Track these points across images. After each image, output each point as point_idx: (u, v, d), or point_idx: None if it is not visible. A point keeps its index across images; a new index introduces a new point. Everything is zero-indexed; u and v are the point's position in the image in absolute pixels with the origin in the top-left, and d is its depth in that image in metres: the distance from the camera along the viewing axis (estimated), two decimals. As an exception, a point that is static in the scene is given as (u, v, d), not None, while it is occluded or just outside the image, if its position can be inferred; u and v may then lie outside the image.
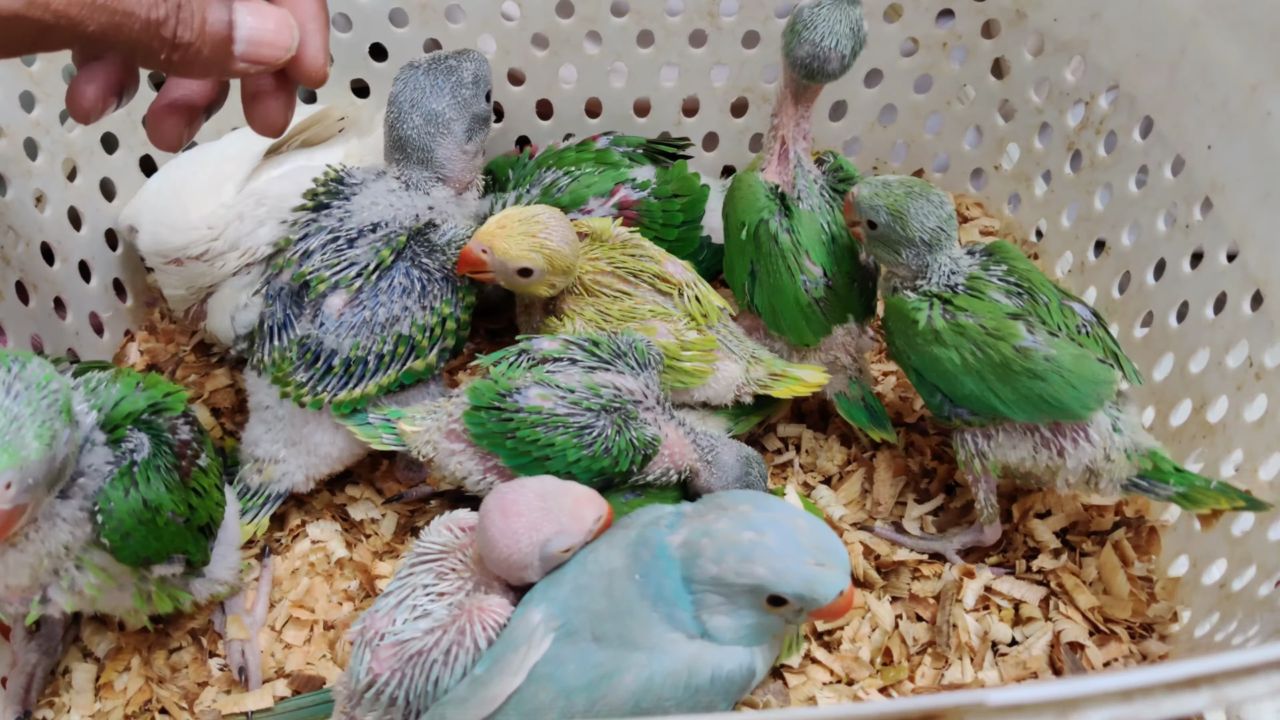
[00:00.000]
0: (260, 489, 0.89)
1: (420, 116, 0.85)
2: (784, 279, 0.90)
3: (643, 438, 0.81)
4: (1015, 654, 0.86)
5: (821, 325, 0.92)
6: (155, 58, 0.53)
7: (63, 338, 0.97)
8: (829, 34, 0.82)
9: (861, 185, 0.83)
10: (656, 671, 0.63)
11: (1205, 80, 0.88)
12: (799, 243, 0.89)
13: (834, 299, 0.91)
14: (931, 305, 0.81)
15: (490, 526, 0.67)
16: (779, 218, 0.89)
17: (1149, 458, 0.80)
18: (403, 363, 0.85)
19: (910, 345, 0.83)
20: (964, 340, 0.79)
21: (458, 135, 0.86)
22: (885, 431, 0.96)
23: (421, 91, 0.85)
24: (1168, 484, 0.80)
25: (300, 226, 0.86)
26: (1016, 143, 1.12)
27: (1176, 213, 0.92)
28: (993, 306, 0.80)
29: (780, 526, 0.63)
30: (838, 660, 0.86)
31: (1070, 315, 0.80)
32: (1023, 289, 0.81)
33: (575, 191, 0.97)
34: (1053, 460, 0.82)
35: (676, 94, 1.12)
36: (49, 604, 0.69)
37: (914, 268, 0.83)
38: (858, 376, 0.97)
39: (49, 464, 0.59)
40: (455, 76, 0.86)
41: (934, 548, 0.92)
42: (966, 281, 0.82)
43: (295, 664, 0.85)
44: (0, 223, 0.90)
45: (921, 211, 0.80)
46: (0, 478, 0.56)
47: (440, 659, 0.66)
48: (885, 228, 0.81)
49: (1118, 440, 0.80)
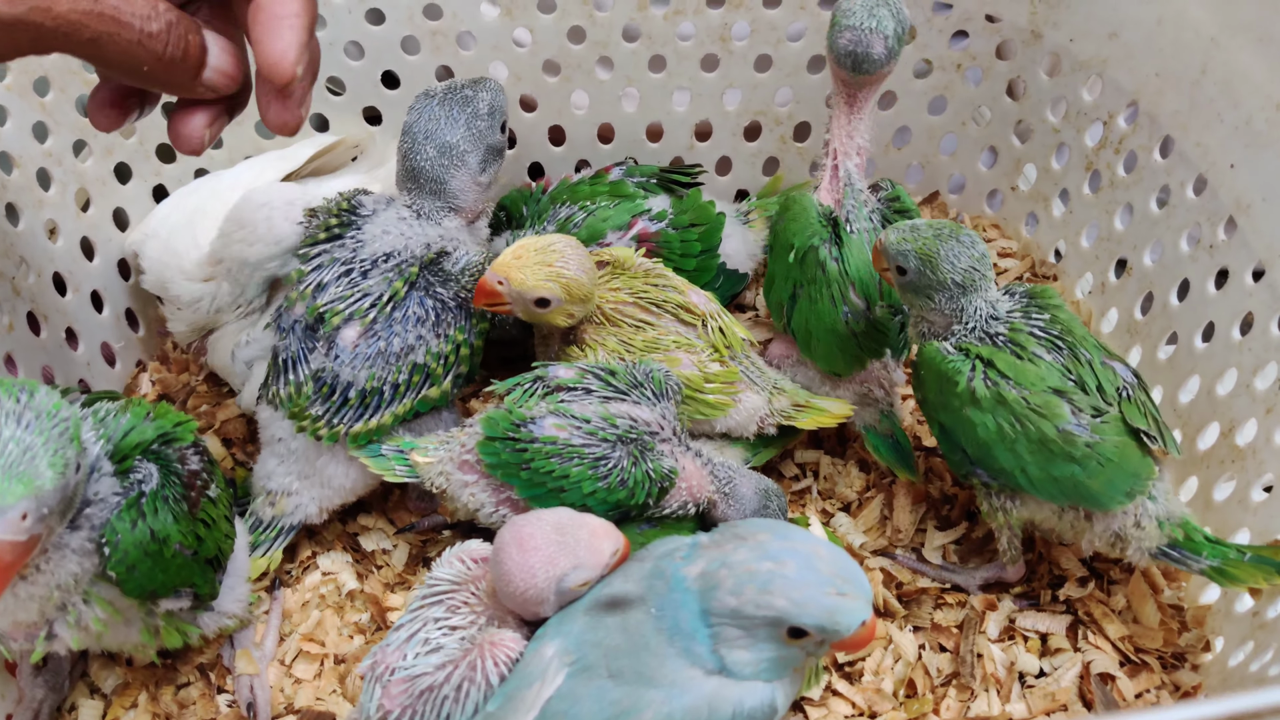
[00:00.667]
0: (273, 522, 0.88)
1: (434, 148, 0.84)
2: (825, 306, 0.89)
3: (659, 469, 0.79)
4: (1043, 686, 0.84)
5: (855, 358, 0.91)
6: (138, 69, 0.54)
7: (74, 369, 0.96)
8: (868, 17, 0.81)
9: (889, 231, 0.80)
10: (675, 709, 0.61)
11: (1228, 98, 0.86)
12: (846, 273, 0.88)
13: (873, 333, 0.89)
14: (974, 368, 0.77)
15: (506, 560, 0.66)
16: (829, 245, 0.88)
17: (1181, 527, 0.78)
18: (418, 391, 0.84)
19: (943, 403, 0.80)
20: (1004, 410, 0.76)
21: (471, 167, 0.86)
22: (909, 472, 0.94)
23: (436, 123, 0.84)
24: (1200, 556, 0.77)
25: (312, 259, 0.85)
26: (1033, 163, 1.11)
27: (1200, 233, 0.91)
28: (1038, 375, 0.76)
29: (800, 555, 0.62)
30: (859, 693, 0.83)
31: (1112, 376, 0.77)
32: (1064, 344, 0.78)
33: (592, 226, 0.97)
34: (1078, 523, 0.80)
35: (689, 118, 1.12)
36: (55, 640, 0.68)
37: (948, 312, 0.79)
38: (889, 411, 0.95)
39: (62, 492, 0.59)
40: (471, 108, 0.85)
41: (955, 580, 0.90)
42: (1008, 333, 0.78)
43: (305, 699, 0.83)
44: (12, 254, 0.90)
45: (952, 253, 0.77)
46: (16, 509, 0.55)
47: (451, 695, 0.65)
48: (915, 273, 0.78)
49: (1150, 508, 0.77)
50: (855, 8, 0.82)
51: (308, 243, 0.86)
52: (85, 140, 0.99)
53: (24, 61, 0.91)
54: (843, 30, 0.82)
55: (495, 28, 1.04)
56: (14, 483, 0.55)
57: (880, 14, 0.81)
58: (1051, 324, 0.79)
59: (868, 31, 0.81)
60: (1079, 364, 0.77)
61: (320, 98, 1.08)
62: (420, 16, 1.03)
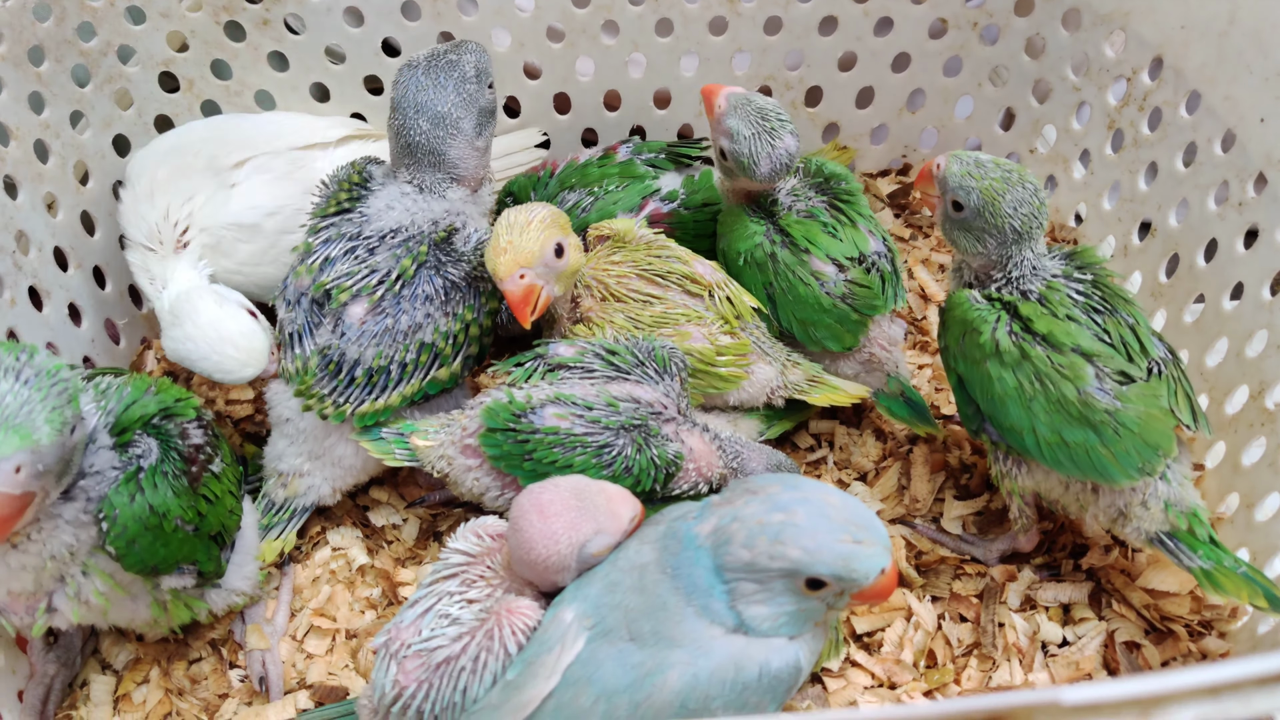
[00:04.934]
0: (286, 504, 0.87)
1: (427, 120, 0.81)
2: (800, 290, 0.88)
3: (664, 455, 0.77)
4: (1067, 654, 0.82)
5: (856, 322, 0.89)
6: None
7: (78, 345, 0.95)
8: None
9: (952, 160, 0.76)
10: (701, 670, 0.60)
11: (1258, 49, 0.83)
12: (798, 249, 0.87)
13: (857, 289, 0.88)
14: (999, 319, 0.75)
15: (528, 528, 0.64)
16: (769, 235, 0.88)
17: (1186, 517, 0.75)
18: (426, 371, 0.82)
19: (963, 353, 0.78)
20: (1026, 367, 0.73)
21: (468, 133, 0.83)
22: (929, 425, 0.92)
23: (425, 93, 0.81)
24: (1194, 553, 0.75)
25: (320, 230, 0.83)
26: (1053, 124, 1.08)
27: (1228, 191, 0.88)
28: (1066, 334, 0.73)
29: (811, 504, 0.60)
30: (879, 663, 0.82)
31: (1150, 345, 0.74)
32: (1105, 306, 0.75)
33: (602, 210, 0.95)
34: (1083, 496, 0.78)
35: (697, 83, 1.09)
36: (55, 613, 0.67)
37: (994, 259, 0.76)
38: (894, 371, 0.93)
39: (59, 450, 0.58)
40: (457, 72, 0.82)
41: (972, 552, 0.88)
42: (1044, 289, 0.75)
43: (317, 674, 0.82)
44: (11, 227, 0.88)
45: (1017, 199, 0.73)
46: (10, 460, 0.55)
47: (469, 666, 0.64)
48: (973, 212, 0.75)
49: (1160, 489, 0.75)
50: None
51: (316, 214, 0.84)
52: (82, 112, 0.97)
53: (17, 30, 0.89)
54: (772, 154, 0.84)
55: (498, -9, 1.01)
56: (10, 434, 0.55)
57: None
58: (1093, 286, 0.76)
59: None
60: (1120, 325, 0.74)
61: (320, 67, 1.06)
62: (421, -19, 1.01)
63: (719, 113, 0.86)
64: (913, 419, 0.92)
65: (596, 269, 0.87)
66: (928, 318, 1.07)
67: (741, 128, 0.84)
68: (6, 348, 0.58)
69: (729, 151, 0.86)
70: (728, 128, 0.85)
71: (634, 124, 1.12)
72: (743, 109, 0.85)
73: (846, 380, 0.92)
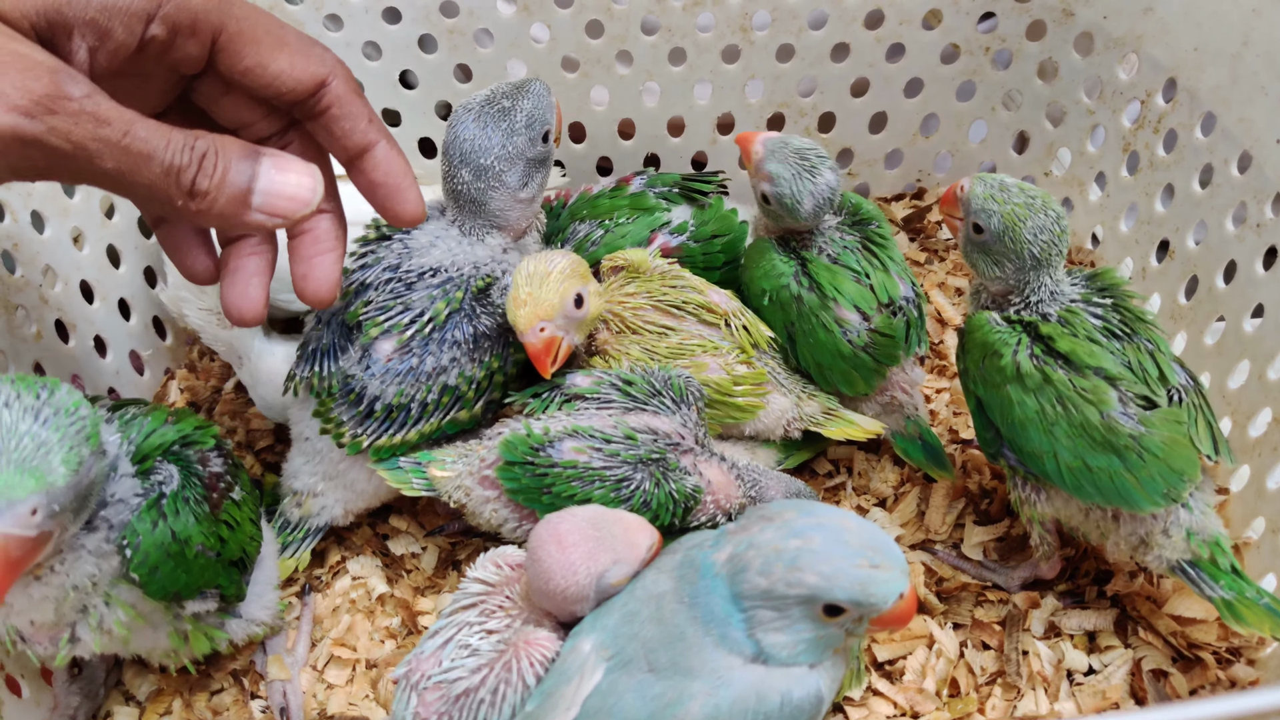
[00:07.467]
0: (300, 523, 0.87)
1: (469, 172, 0.80)
2: (821, 335, 0.87)
3: (683, 490, 0.77)
4: (1093, 683, 0.81)
5: (873, 370, 0.89)
6: (171, 203, 0.51)
7: (103, 377, 0.97)
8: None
9: (975, 182, 0.76)
10: (723, 700, 0.59)
11: (1271, 70, 0.83)
12: (825, 295, 0.87)
13: (879, 340, 0.87)
14: (1020, 341, 0.74)
15: (546, 558, 0.64)
16: (796, 278, 0.88)
17: (1208, 546, 0.74)
18: (446, 412, 0.82)
19: (983, 376, 0.77)
20: (1048, 391, 0.73)
21: (511, 185, 0.81)
22: (944, 471, 0.92)
23: (469, 143, 0.79)
24: (1216, 583, 0.73)
25: (360, 256, 0.82)
26: (1067, 147, 1.08)
27: (1246, 211, 0.88)
28: (1090, 356, 0.72)
29: (827, 530, 0.59)
30: (901, 692, 0.81)
31: (1170, 372, 0.74)
32: (1126, 330, 0.74)
33: (611, 243, 0.93)
34: (1104, 524, 0.77)
35: (711, 111, 1.10)
36: (77, 643, 0.67)
37: (1012, 283, 0.76)
38: (914, 414, 0.93)
39: (75, 490, 0.58)
40: (507, 122, 0.79)
41: (994, 579, 0.87)
42: (1065, 313, 0.75)
43: (338, 705, 0.82)
44: (38, 261, 0.90)
45: (1038, 225, 0.73)
46: (25, 503, 0.55)
47: (487, 699, 0.64)
48: (994, 236, 0.75)
49: (1182, 516, 0.74)
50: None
51: (358, 240, 0.83)
52: (109, 149, 0.99)
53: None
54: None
55: (512, 24, 1.03)
56: (25, 477, 0.55)
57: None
58: (1113, 310, 0.75)
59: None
60: (1140, 352, 0.74)
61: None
62: (437, 14, 1.02)
63: (757, 159, 0.86)
64: (928, 464, 0.92)
65: (612, 301, 0.87)
66: (945, 341, 1.07)
67: (781, 170, 0.84)
68: (27, 384, 0.58)
69: (771, 195, 0.86)
70: (768, 172, 0.85)
71: (648, 152, 1.13)
72: (780, 152, 0.85)
73: (860, 416, 0.92)
